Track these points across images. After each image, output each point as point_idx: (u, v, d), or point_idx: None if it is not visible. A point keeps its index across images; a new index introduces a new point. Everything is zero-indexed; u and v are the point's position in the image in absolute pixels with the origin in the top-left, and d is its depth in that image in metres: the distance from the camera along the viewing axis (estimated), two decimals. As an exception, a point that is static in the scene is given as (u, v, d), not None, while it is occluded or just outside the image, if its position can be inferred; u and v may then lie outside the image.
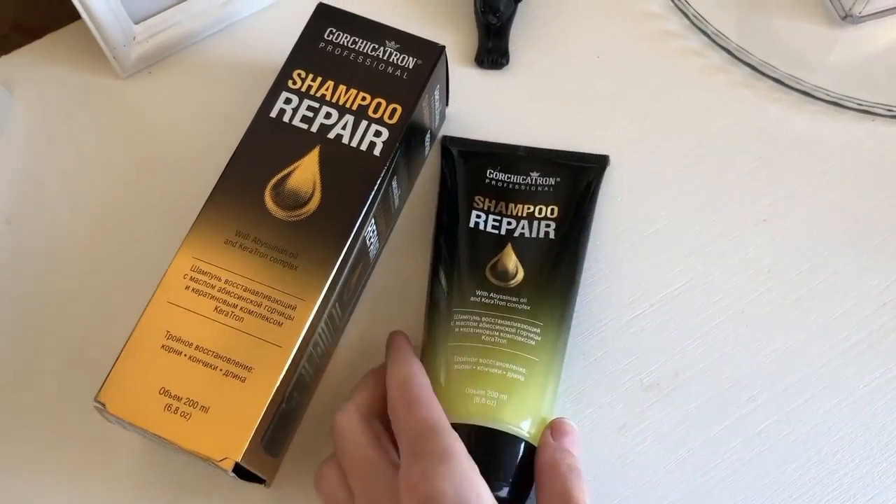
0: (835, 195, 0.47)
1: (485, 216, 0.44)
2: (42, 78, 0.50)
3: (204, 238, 0.38)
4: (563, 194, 0.45)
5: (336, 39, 0.43)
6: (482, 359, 0.39)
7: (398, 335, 0.40)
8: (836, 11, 0.52)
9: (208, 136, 0.47)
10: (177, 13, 0.49)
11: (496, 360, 0.39)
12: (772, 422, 0.42)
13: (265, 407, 0.35)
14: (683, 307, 0.44)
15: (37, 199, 0.46)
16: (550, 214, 0.44)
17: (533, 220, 0.44)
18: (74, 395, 0.41)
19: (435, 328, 0.41)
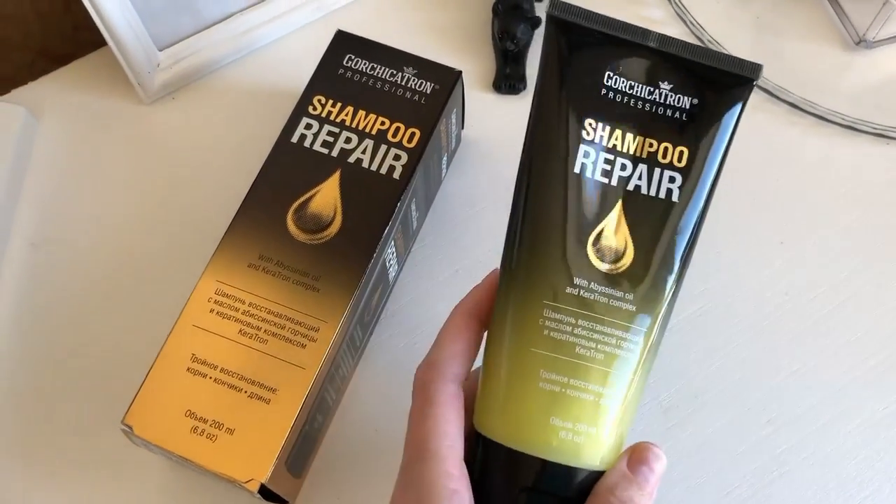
0: (851, 217, 0.47)
1: (594, 154, 0.32)
2: (68, 103, 0.51)
3: (227, 262, 0.38)
4: (702, 128, 0.32)
5: (355, 66, 0.43)
6: (574, 378, 0.30)
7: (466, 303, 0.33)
8: (850, 36, 0.52)
9: (231, 160, 0.48)
10: (200, 40, 0.50)
11: (589, 382, 0.30)
12: (792, 444, 0.42)
13: (290, 428, 0.35)
14: (702, 329, 0.44)
15: (62, 223, 0.47)
16: (678, 161, 0.32)
17: (654, 167, 0.32)
18: (101, 417, 0.41)
19: (511, 321, 0.31)
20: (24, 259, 0.46)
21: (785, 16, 0.53)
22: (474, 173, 0.48)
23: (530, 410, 0.30)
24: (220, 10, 0.50)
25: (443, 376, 0.31)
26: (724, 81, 0.32)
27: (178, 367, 0.36)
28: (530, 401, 0.30)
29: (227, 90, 0.51)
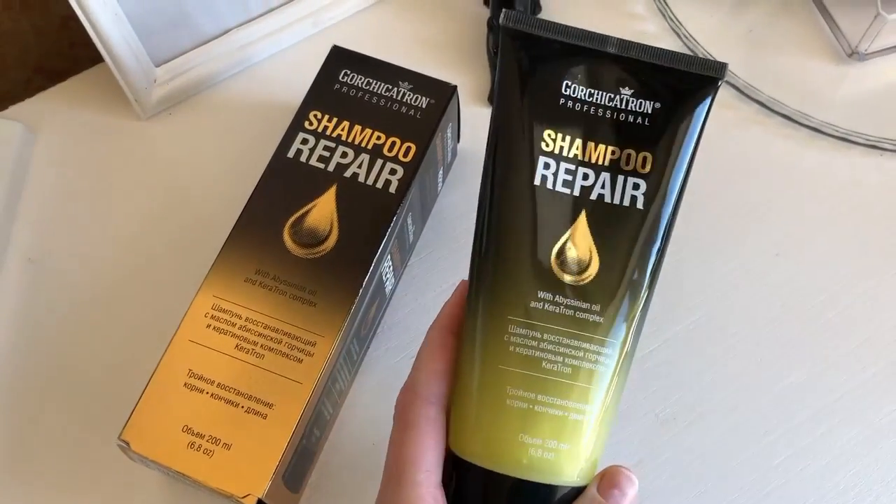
0: (845, 229, 0.47)
1: (555, 165, 0.31)
2: (65, 120, 0.51)
3: (224, 277, 0.38)
4: (665, 132, 0.31)
5: (351, 81, 0.44)
6: (542, 395, 0.29)
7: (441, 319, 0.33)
8: (842, 49, 0.53)
9: (227, 175, 0.48)
10: (197, 56, 0.50)
11: (558, 398, 0.29)
12: (788, 455, 0.42)
13: (287, 443, 0.35)
14: (698, 341, 0.44)
15: (59, 239, 0.47)
16: (642, 167, 0.31)
17: (618, 175, 0.31)
18: (98, 433, 0.41)
19: (478, 339, 0.30)
20: (22, 275, 0.46)
21: (778, 29, 0.54)
22: (470, 186, 0.48)
23: (500, 429, 0.29)
24: (216, 25, 0.50)
25: (422, 399, 0.31)
26: (688, 83, 0.32)
27: (175, 382, 0.36)
28: (500, 419, 0.29)
29: (224, 105, 0.51)
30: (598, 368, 0.30)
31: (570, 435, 0.30)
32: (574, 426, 0.30)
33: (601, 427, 0.30)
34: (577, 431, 0.30)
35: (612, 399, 0.31)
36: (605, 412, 0.30)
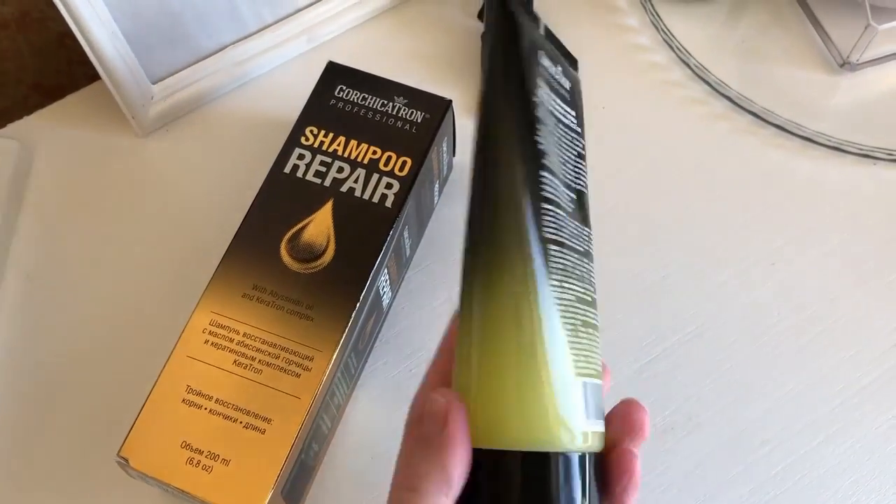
0: (840, 238, 0.48)
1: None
2: (62, 137, 0.51)
3: (222, 292, 0.39)
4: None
5: (346, 96, 0.44)
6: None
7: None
8: (834, 59, 0.53)
9: (224, 191, 0.48)
10: (193, 73, 0.50)
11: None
12: (787, 464, 0.42)
13: (285, 458, 0.35)
14: (695, 351, 0.44)
15: (57, 256, 0.47)
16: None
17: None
18: (96, 450, 0.41)
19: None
20: (20, 292, 0.46)
21: (769, 40, 0.54)
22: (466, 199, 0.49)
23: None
24: (212, 42, 0.51)
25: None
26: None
27: (173, 398, 0.36)
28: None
29: (221, 122, 0.51)
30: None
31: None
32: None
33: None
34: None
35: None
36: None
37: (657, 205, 0.49)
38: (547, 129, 0.30)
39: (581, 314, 0.30)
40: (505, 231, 0.29)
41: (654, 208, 0.49)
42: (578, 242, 0.31)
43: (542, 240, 0.29)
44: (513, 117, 0.30)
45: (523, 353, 0.28)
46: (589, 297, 0.31)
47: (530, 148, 0.30)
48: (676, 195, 0.49)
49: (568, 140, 0.32)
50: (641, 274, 0.47)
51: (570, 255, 0.30)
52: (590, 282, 0.31)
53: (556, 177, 0.30)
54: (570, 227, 0.30)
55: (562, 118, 0.32)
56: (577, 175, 0.32)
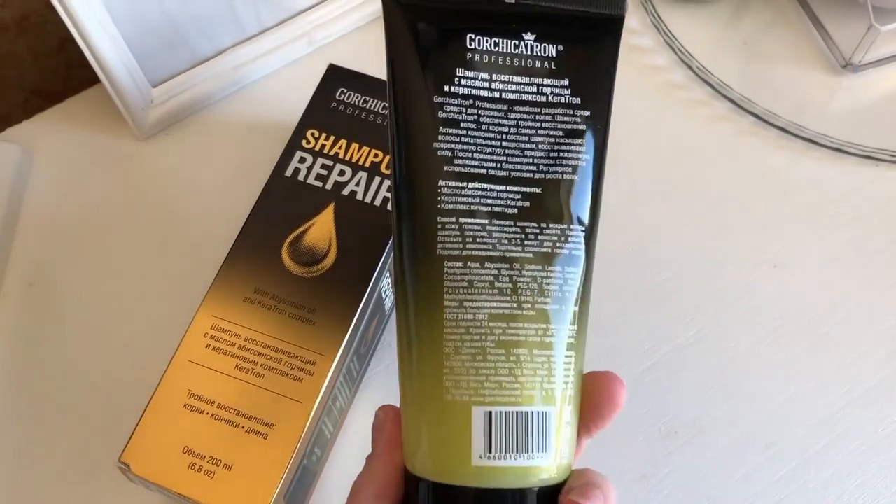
0: (843, 239, 0.48)
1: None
2: (62, 141, 0.51)
3: (223, 297, 0.38)
4: None
5: (347, 99, 0.44)
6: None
7: None
8: (836, 60, 0.53)
9: (225, 195, 0.48)
10: (193, 76, 0.50)
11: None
12: (791, 468, 0.42)
13: (288, 463, 0.35)
14: (698, 354, 0.44)
15: (58, 261, 0.47)
16: None
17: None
18: (98, 455, 0.41)
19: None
20: (20, 297, 0.46)
21: (772, 41, 0.54)
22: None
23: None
24: (212, 46, 0.51)
25: None
26: None
27: (174, 403, 0.36)
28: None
29: (221, 125, 0.51)
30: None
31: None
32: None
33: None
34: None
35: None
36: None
37: (659, 207, 0.49)
38: (463, 127, 0.28)
39: (497, 333, 0.27)
40: (398, 248, 0.28)
41: (656, 210, 0.48)
42: (516, 249, 0.28)
43: (431, 259, 0.27)
44: (410, 122, 0.28)
45: (404, 377, 0.28)
46: (519, 311, 0.27)
47: (429, 156, 0.27)
48: (678, 197, 0.49)
49: (529, 124, 0.28)
50: (643, 277, 0.46)
51: (488, 268, 0.27)
52: (531, 292, 0.28)
53: (474, 180, 0.28)
54: (498, 235, 0.28)
55: (519, 98, 0.28)
56: (545, 163, 0.28)
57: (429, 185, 0.27)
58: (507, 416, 0.27)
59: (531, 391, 0.27)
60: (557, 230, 0.28)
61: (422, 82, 0.28)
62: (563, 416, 0.28)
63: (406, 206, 0.28)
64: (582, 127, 0.29)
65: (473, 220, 0.27)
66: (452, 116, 0.28)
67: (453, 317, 0.27)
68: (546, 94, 0.29)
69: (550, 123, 0.29)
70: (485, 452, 0.27)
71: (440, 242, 0.27)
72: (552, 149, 0.29)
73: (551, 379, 0.27)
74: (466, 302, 0.27)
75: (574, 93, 0.29)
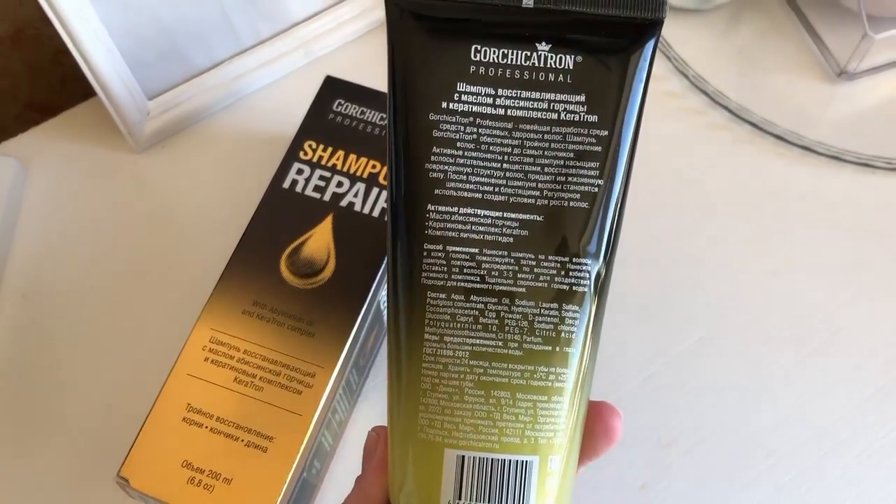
0: (841, 247, 0.48)
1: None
2: (58, 154, 0.51)
3: (221, 309, 0.38)
4: None
5: (345, 110, 0.44)
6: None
7: None
8: (831, 69, 0.53)
9: (223, 207, 0.48)
10: (189, 88, 0.50)
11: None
12: (792, 476, 0.41)
13: (288, 476, 0.35)
14: (698, 363, 0.44)
15: (54, 274, 0.47)
16: None
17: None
18: (96, 470, 0.41)
19: None
20: (16, 311, 0.46)
21: (767, 50, 0.54)
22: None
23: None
24: (208, 58, 0.51)
25: None
26: None
27: (173, 416, 0.36)
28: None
29: (218, 137, 0.51)
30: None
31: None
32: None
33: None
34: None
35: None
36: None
37: (656, 216, 0.49)
38: (459, 147, 0.26)
39: (477, 372, 0.25)
40: (391, 271, 0.27)
41: (654, 219, 0.48)
42: (507, 282, 0.26)
43: (414, 287, 0.26)
44: (405, 140, 0.26)
45: (389, 408, 0.27)
46: (503, 350, 0.26)
47: (419, 178, 0.26)
48: (676, 206, 0.49)
49: (535, 144, 0.26)
50: (641, 287, 0.46)
51: (473, 301, 0.26)
52: (519, 330, 0.26)
53: (466, 206, 0.26)
54: (488, 266, 0.26)
55: (526, 115, 0.26)
56: (550, 189, 0.26)
57: (417, 208, 0.26)
58: (480, 463, 0.25)
59: (511, 438, 0.25)
60: (557, 263, 0.26)
61: (420, 97, 0.26)
62: (549, 466, 0.26)
63: (396, 229, 0.26)
64: (596, 148, 0.26)
65: (462, 248, 0.26)
66: (448, 136, 0.26)
67: (432, 351, 0.26)
68: (558, 110, 0.26)
69: (560, 144, 0.26)
70: (454, 499, 0.25)
71: (424, 271, 0.26)
72: (560, 172, 0.26)
73: (536, 426, 0.26)
74: (447, 336, 0.25)
75: (591, 110, 0.26)
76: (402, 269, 0.26)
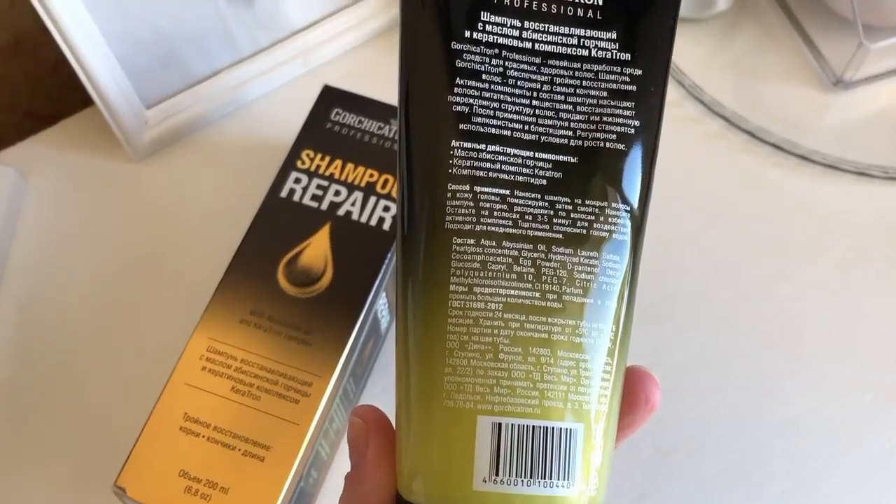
0: (838, 256, 0.48)
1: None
2: (56, 163, 0.51)
3: (219, 318, 0.38)
4: None
5: (342, 119, 0.44)
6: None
7: None
8: (827, 78, 0.53)
9: (220, 216, 0.48)
10: (188, 97, 0.50)
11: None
12: (791, 485, 0.41)
13: (285, 486, 0.35)
14: (697, 373, 0.44)
15: (52, 283, 0.47)
16: None
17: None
18: (92, 480, 0.41)
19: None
20: (13, 320, 0.46)
21: (763, 59, 0.54)
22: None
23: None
24: (206, 66, 0.51)
25: None
26: None
27: (170, 426, 0.36)
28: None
29: (216, 146, 0.51)
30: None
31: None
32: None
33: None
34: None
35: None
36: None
37: (652, 225, 0.48)
38: (485, 80, 0.24)
39: (513, 327, 0.23)
40: (400, 220, 0.24)
41: (649, 227, 0.48)
42: (543, 228, 0.23)
43: (437, 232, 0.23)
44: (422, 71, 0.24)
45: (399, 378, 0.24)
46: (542, 302, 0.23)
47: (440, 112, 0.23)
48: (671, 216, 0.49)
49: (566, 81, 0.24)
50: (638, 296, 0.46)
51: (506, 247, 0.23)
52: (558, 280, 0.23)
53: (495, 143, 0.23)
54: (521, 209, 0.23)
55: (555, 51, 0.24)
56: (584, 128, 0.24)
57: (439, 145, 0.23)
58: (520, 431, 0.22)
59: (554, 402, 0.23)
60: (595, 208, 0.24)
61: (438, 25, 0.24)
62: (595, 437, 0.23)
63: (411, 170, 0.24)
64: (631, 88, 0.24)
65: (492, 189, 0.23)
66: (473, 66, 0.23)
67: (460, 304, 0.23)
68: (588, 47, 0.24)
69: (593, 82, 0.24)
70: (490, 475, 0.22)
71: (449, 214, 0.23)
72: (593, 111, 0.24)
73: (580, 389, 0.23)
74: (477, 287, 0.23)
75: (623, 47, 0.24)
76: (421, 213, 0.23)
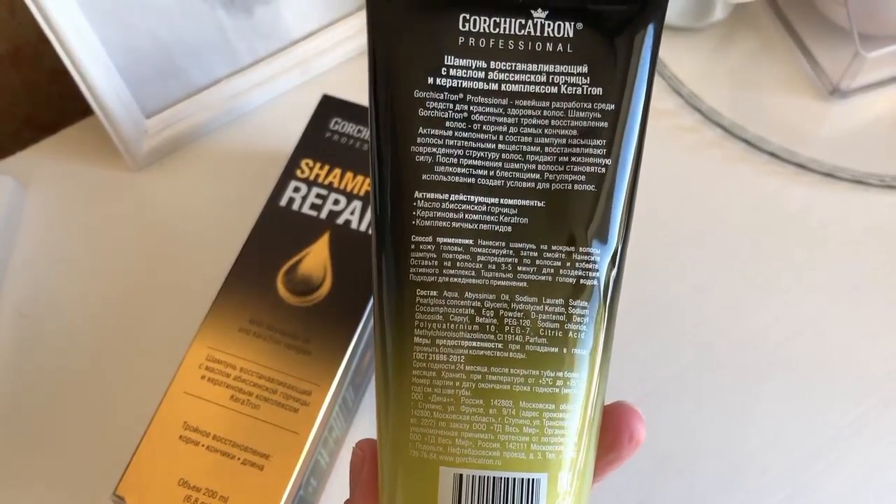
0: (835, 264, 0.48)
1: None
2: (55, 172, 0.51)
3: (218, 327, 0.38)
4: None
5: (341, 129, 0.44)
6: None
7: None
8: (824, 86, 0.53)
9: (220, 225, 0.48)
10: (187, 106, 0.50)
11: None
12: (787, 493, 0.42)
13: (285, 494, 0.35)
14: (692, 381, 0.44)
15: (52, 292, 0.47)
16: None
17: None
18: (92, 489, 0.41)
19: None
20: (13, 329, 0.46)
21: (760, 68, 0.55)
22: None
23: None
24: (205, 76, 0.51)
25: None
26: None
27: (170, 435, 0.36)
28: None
29: (215, 155, 0.51)
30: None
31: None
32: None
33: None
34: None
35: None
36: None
37: (649, 234, 0.49)
38: (448, 127, 0.23)
39: (475, 379, 0.23)
40: (375, 270, 0.24)
41: (646, 237, 0.49)
42: (506, 276, 0.23)
43: (401, 285, 0.23)
44: (388, 121, 0.24)
45: (378, 423, 0.24)
46: (504, 353, 0.23)
47: (404, 163, 0.23)
48: (669, 224, 0.49)
49: (534, 121, 0.24)
50: (634, 304, 0.47)
51: (468, 299, 0.23)
52: (521, 330, 0.23)
53: (458, 191, 0.23)
54: (484, 259, 0.23)
55: (523, 90, 0.24)
56: (552, 171, 0.24)
57: (402, 197, 0.23)
58: (480, 482, 0.23)
59: (515, 453, 0.23)
60: (562, 254, 0.24)
61: (403, 72, 0.23)
62: (560, 486, 0.23)
63: (380, 221, 0.24)
64: (602, 124, 0.24)
65: (454, 239, 0.23)
66: (436, 114, 0.23)
67: (423, 356, 0.23)
68: (557, 83, 0.24)
69: (561, 120, 0.24)
70: None
71: (412, 266, 0.23)
72: (562, 152, 0.24)
73: (543, 439, 0.23)
74: (440, 339, 0.23)
75: (595, 81, 0.24)
76: (388, 264, 0.23)
